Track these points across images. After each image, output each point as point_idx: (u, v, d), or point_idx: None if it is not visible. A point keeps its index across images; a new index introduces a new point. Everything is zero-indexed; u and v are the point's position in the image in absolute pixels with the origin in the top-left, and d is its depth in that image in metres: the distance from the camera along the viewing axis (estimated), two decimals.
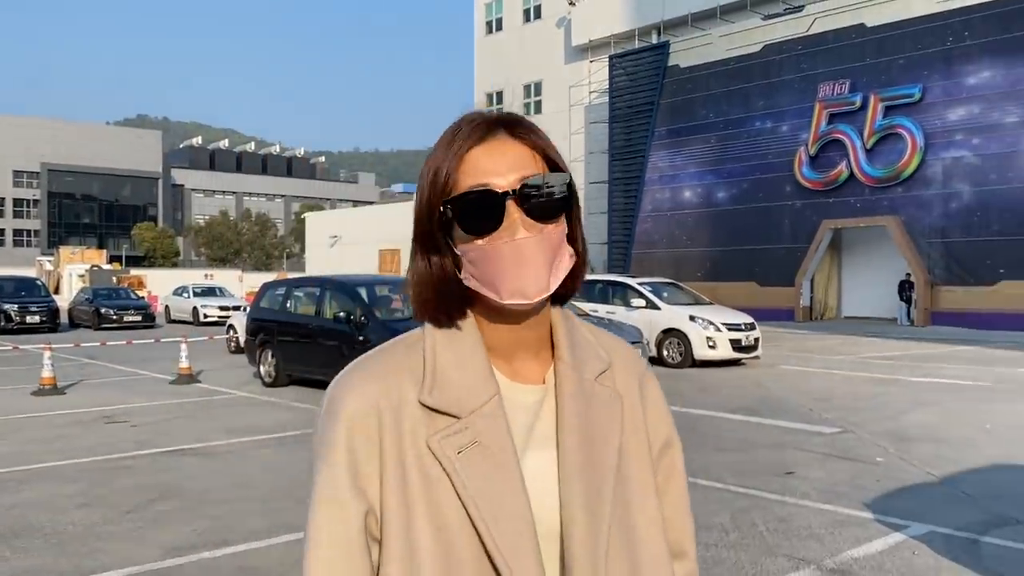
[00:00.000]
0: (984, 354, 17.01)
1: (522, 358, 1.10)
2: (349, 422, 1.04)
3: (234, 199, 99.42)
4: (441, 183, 1.04)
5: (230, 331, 18.94)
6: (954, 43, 24.99)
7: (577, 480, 1.05)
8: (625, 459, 1.10)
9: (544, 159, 1.06)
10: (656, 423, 1.18)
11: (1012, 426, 8.95)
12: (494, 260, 1.02)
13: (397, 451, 1.03)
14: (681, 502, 1.21)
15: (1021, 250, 23.63)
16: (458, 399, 1.03)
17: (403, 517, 1.01)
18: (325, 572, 1.01)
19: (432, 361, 1.06)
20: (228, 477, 6.98)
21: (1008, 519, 5.49)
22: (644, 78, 33.30)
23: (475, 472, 1.01)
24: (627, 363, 1.18)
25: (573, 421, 1.07)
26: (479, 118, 1.06)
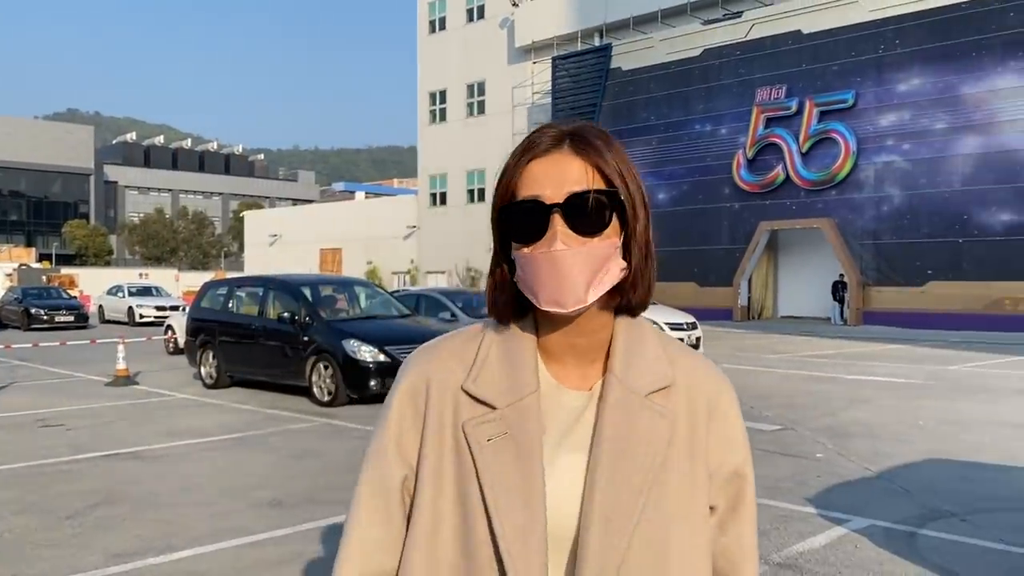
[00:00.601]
0: (914, 352, 17.58)
1: (574, 363, 1.14)
2: (402, 394, 1.16)
3: (170, 197, 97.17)
4: (503, 190, 1.12)
5: (168, 331, 18.54)
6: (886, 51, 25.77)
7: (600, 490, 1.06)
8: (668, 480, 1.10)
9: (601, 175, 1.09)
10: (722, 450, 1.17)
11: (942, 422, 9.27)
12: (534, 268, 1.07)
13: (438, 428, 1.12)
14: (745, 537, 1.19)
15: (949, 252, 24.50)
16: (497, 390, 1.11)
17: (434, 488, 1.11)
18: (360, 517, 1.15)
19: (484, 353, 1.14)
20: (172, 481, 6.84)
21: (943, 512, 5.69)
22: (587, 80, 33.58)
23: (498, 460, 1.08)
24: (699, 385, 1.16)
25: (608, 432, 1.08)
26: (551, 130, 1.12)
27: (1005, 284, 23.45)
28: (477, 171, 40.13)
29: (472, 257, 38.42)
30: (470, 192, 40.75)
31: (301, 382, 11.15)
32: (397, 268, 43.64)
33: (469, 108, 41.01)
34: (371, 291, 13.53)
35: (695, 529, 1.13)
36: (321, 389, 10.82)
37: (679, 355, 1.18)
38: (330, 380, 10.73)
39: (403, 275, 43.20)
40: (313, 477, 6.91)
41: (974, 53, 24.11)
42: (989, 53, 23.88)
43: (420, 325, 11.93)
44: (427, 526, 1.11)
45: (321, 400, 10.76)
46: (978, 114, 24.11)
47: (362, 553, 1.15)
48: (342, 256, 47.44)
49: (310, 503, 6.06)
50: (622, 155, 1.12)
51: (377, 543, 1.15)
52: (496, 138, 38.57)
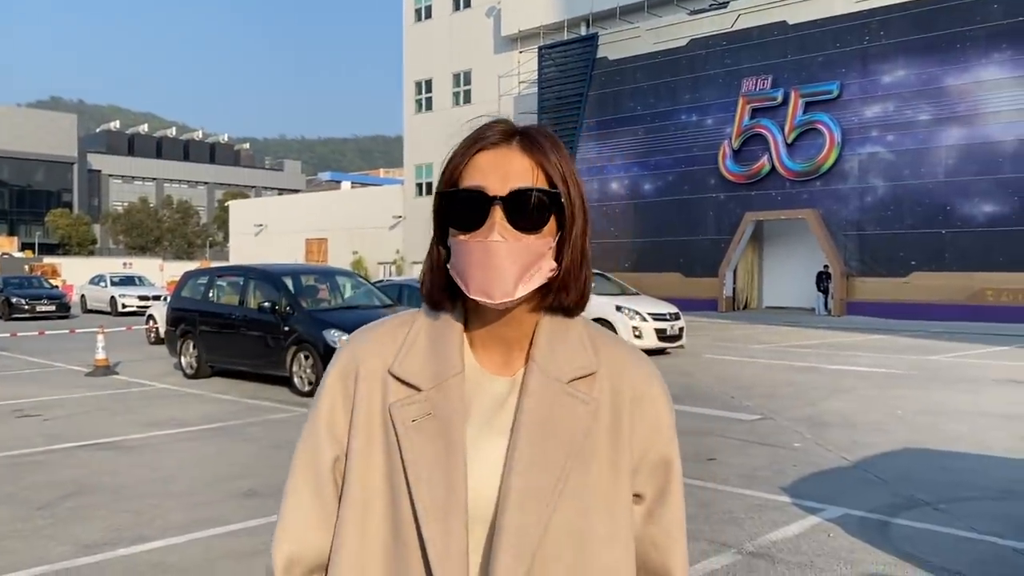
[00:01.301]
0: (896, 343, 17.68)
1: (499, 352, 1.16)
2: (334, 377, 1.19)
3: (154, 186, 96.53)
4: (447, 176, 1.14)
5: (150, 321, 18.43)
6: (871, 42, 25.81)
7: (517, 473, 1.08)
8: (589, 466, 1.12)
9: (545, 175, 1.11)
10: (647, 438, 1.17)
11: (921, 411, 9.33)
12: (468, 255, 1.09)
13: (367, 409, 1.14)
14: (673, 525, 1.21)
15: (931, 243, 24.62)
16: (422, 373, 1.13)
17: (364, 468, 1.13)
18: (294, 498, 1.17)
19: (412, 337, 1.17)
20: (147, 471, 6.80)
21: (917, 501, 5.72)
22: (573, 70, 33.50)
23: (421, 440, 1.10)
24: (624, 373, 1.17)
25: (528, 417, 1.10)
26: (502, 125, 1.14)
27: (987, 275, 23.60)
28: None
29: None
30: None
31: (282, 372, 11.10)
32: (383, 258, 43.53)
33: (455, 97, 40.88)
34: (353, 281, 13.47)
35: (617, 516, 1.14)
36: (302, 379, 10.77)
37: (605, 345, 1.19)
38: (311, 370, 10.68)
39: (389, 265, 43.10)
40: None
41: (958, 45, 24.18)
42: (973, 45, 23.95)
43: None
44: (357, 504, 1.13)
45: (302, 390, 10.72)
46: (961, 106, 24.20)
47: (296, 531, 1.17)
48: (328, 246, 47.27)
49: None
50: (567, 159, 1.14)
51: (310, 521, 1.17)
52: None
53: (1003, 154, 23.53)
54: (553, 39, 35.57)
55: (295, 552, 1.16)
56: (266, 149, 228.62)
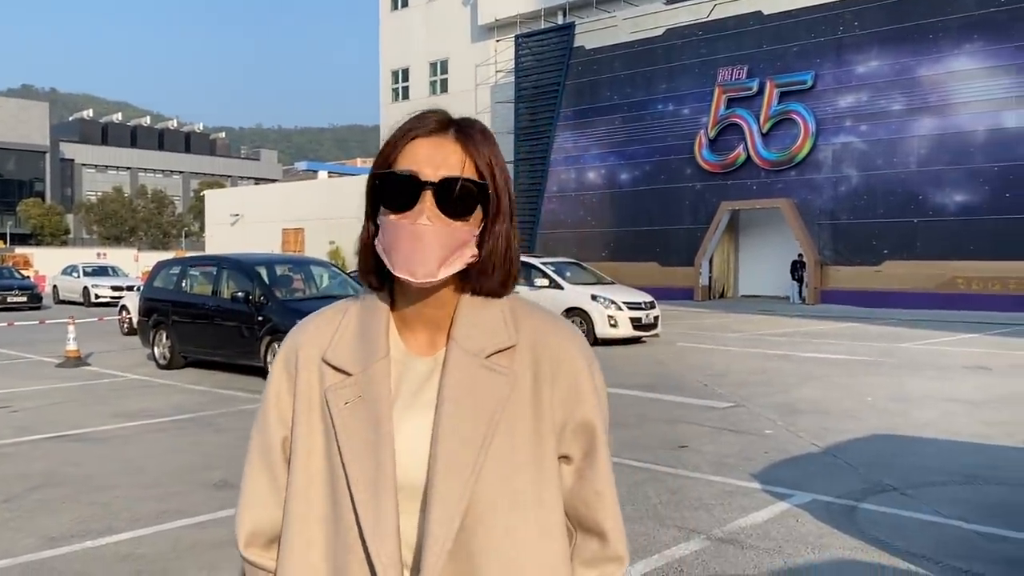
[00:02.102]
0: (868, 331, 17.86)
1: (424, 331, 1.24)
2: (278, 364, 1.29)
3: (128, 175, 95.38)
4: (382, 158, 1.20)
5: (123, 312, 18.25)
6: (845, 32, 25.97)
7: (442, 443, 1.15)
8: (509, 434, 1.18)
9: (474, 166, 1.18)
10: (568, 403, 1.23)
11: (891, 398, 9.43)
12: (396, 235, 1.16)
13: (307, 394, 1.24)
14: (601, 483, 1.25)
15: (904, 232, 24.87)
16: (352, 359, 1.22)
17: (306, 448, 1.23)
18: (250, 478, 1.29)
19: (344, 325, 1.26)
20: (116, 463, 6.74)
21: (884, 486, 5.79)
22: (550, 59, 33.44)
23: (353, 421, 1.19)
24: (543, 343, 1.23)
25: (449, 392, 1.18)
26: (439, 115, 1.21)
27: (958, 263, 23.88)
28: None
29: None
30: None
31: (256, 362, 11.03)
32: None
33: (432, 87, 40.70)
34: (328, 271, 13.40)
35: (543, 478, 1.21)
36: None
37: (526, 317, 1.25)
38: None
39: None
40: None
41: (930, 35, 24.37)
42: (945, 36, 24.15)
43: None
44: (301, 481, 1.23)
45: None
46: (933, 96, 24.42)
47: (254, 507, 1.28)
48: (304, 236, 46.96)
49: None
50: (497, 153, 1.22)
51: (265, 497, 1.28)
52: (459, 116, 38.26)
53: (974, 144, 23.78)
54: (530, 28, 35.48)
55: (255, 525, 1.28)
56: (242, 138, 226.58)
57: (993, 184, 23.41)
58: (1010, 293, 23.03)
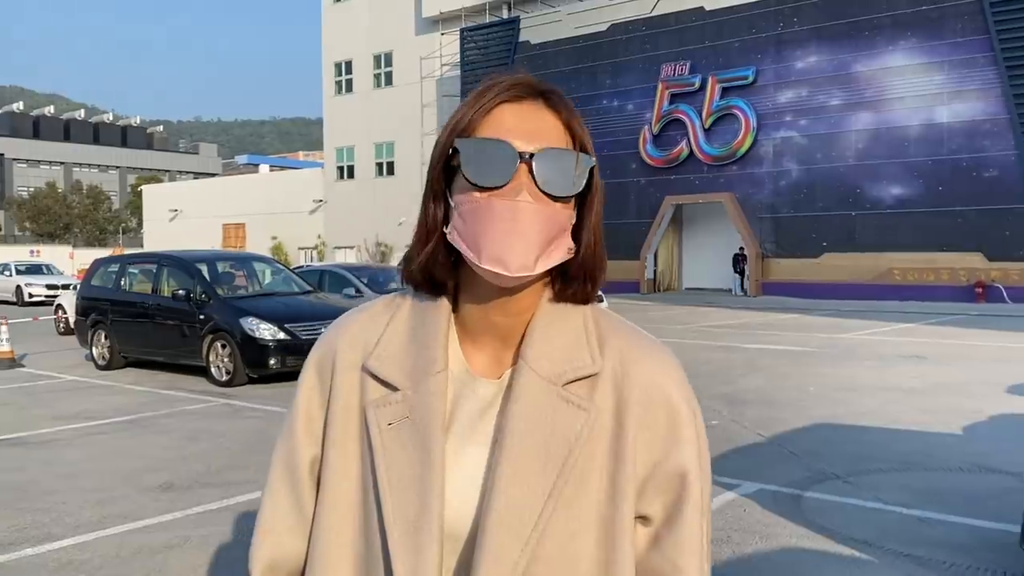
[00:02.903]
0: (809, 321, 18.26)
1: (490, 346, 1.03)
2: (311, 370, 1.08)
3: (62, 170, 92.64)
4: (463, 126, 0.98)
5: (59, 311, 17.75)
6: (785, 28, 26.46)
7: (499, 491, 0.95)
8: (585, 483, 0.98)
9: (572, 139, 1.00)
10: (657, 448, 1.00)
11: (834, 387, 9.65)
12: (486, 216, 0.93)
13: (344, 408, 1.03)
14: (683, 556, 1.00)
15: (842, 225, 25.48)
16: (401, 370, 1.00)
17: (339, 471, 1.03)
18: (271, 499, 1.09)
19: (393, 327, 1.04)
20: (56, 467, 6.54)
21: (828, 474, 5.92)
22: (495, 53, 33.41)
23: (396, 447, 0.98)
24: (635, 373, 1.01)
25: (512, 425, 0.96)
26: (521, 79, 1.00)
27: (894, 255, 24.56)
28: (386, 143, 39.56)
29: (382, 231, 37.96)
30: (378, 165, 40.16)
31: (198, 362, 10.82)
32: (304, 243, 42.80)
33: (376, 79, 40.33)
34: (271, 267, 13.21)
35: (615, 541, 0.98)
36: (219, 369, 10.53)
37: (613, 337, 1.03)
38: (228, 359, 10.45)
39: (310, 250, 42.41)
40: (207, 459, 6.71)
41: (866, 32, 24.97)
42: (880, 33, 24.78)
43: (322, 301, 11.73)
44: (332, 511, 1.03)
45: (219, 380, 10.48)
46: (870, 91, 25.04)
47: (273, 535, 1.08)
48: (246, 231, 46.23)
49: (202, 486, 5.89)
50: (587, 130, 1.03)
51: (287, 526, 1.08)
52: (404, 110, 38.06)
53: (908, 138, 24.46)
54: (475, 21, 35.39)
55: (275, 556, 1.08)
56: (181, 132, 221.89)
57: (927, 178, 24.11)
58: (943, 283, 23.77)
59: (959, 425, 7.55)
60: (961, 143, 23.63)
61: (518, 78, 1.00)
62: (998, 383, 9.72)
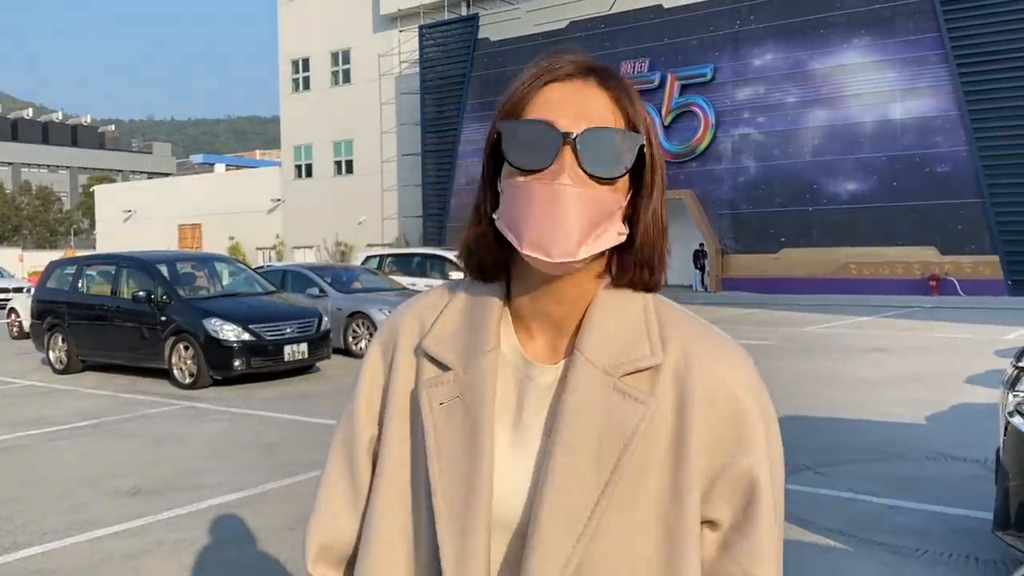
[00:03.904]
0: (770, 316, 18.50)
1: (544, 334, 1.00)
2: (374, 351, 1.09)
3: (10, 170, 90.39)
4: (510, 107, 0.98)
5: (12, 315, 17.32)
6: (742, 26, 26.77)
7: (551, 484, 0.92)
8: (638, 482, 0.93)
9: (625, 118, 0.95)
10: (726, 448, 0.95)
11: (797, 381, 9.79)
12: (527, 200, 0.91)
13: (402, 388, 1.03)
14: (756, 563, 0.94)
15: (800, 220, 25.86)
16: (453, 350, 1.00)
17: (396, 452, 1.02)
18: (329, 485, 1.09)
19: (448, 310, 1.05)
20: (16, 474, 6.37)
21: (799, 466, 6.00)
22: (454, 50, 33.31)
23: (446, 427, 0.97)
24: (699, 365, 0.96)
25: (568, 418, 0.93)
26: (576, 57, 0.99)
27: (850, 250, 25.00)
28: (344, 141, 39.21)
29: (341, 231, 37.61)
30: (337, 163, 39.79)
31: (160, 364, 10.63)
32: (262, 243, 42.27)
33: (334, 77, 39.96)
34: (233, 267, 13.01)
35: (677, 543, 0.93)
36: (182, 371, 10.35)
37: (676, 326, 0.99)
38: (191, 361, 10.28)
39: (268, 250, 41.90)
40: (174, 463, 6.59)
41: (821, 30, 25.37)
42: (835, 31, 25.18)
43: (285, 302, 11.60)
44: (386, 490, 1.02)
45: (182, 382, 10.30)
46: (825, 88, 25.44)
47: (329, 516, 1.08)
48: (202, 232, 45.54)
49: (171, 490, 5.78)
50: (646, 110, 0.99)
51: (343, 506, 1.08)
52: (363, 108, 37.77)
53: (863, 135, 24.90)
54: (433, 18, 35.24)
55: (328, 538, 1.08)
56: (133, 131, 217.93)
57: (881, 173, 24.58)
58: (899, 277, 24.25)
59: (923, 415, 7.71)
60: (914, 139, 24.12)
61: (568, 57, 0.99)
62: (957, 373, 9.94)
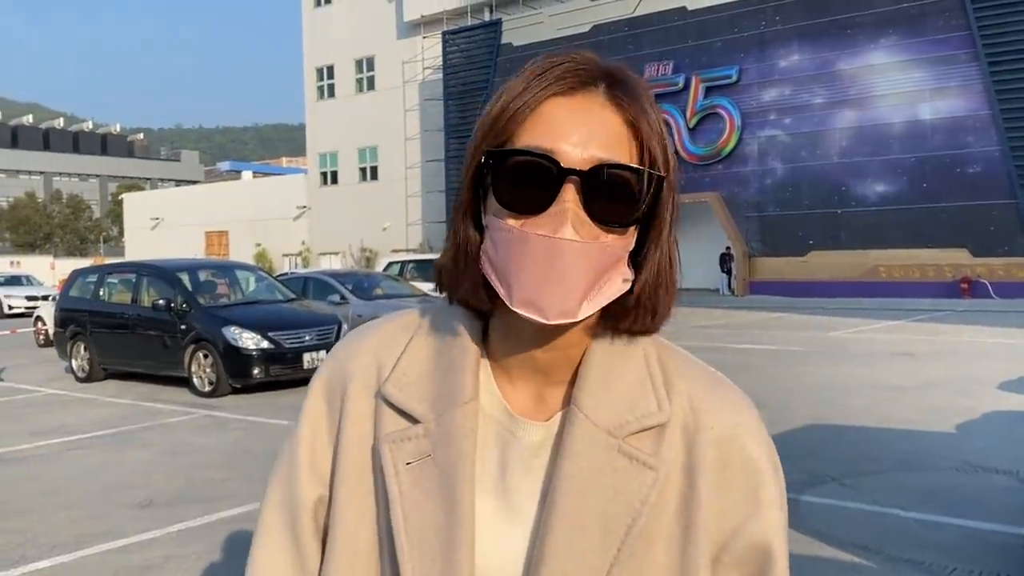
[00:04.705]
0: (797, 320, 18.23)
1: (529, 383, 0.85)
2: (316, 395, 0.89)
3: (42, 180, 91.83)
4: (500, 126, 0.78)
5: (38, 323, 17.49)
6: (767, 27, 26.48)
7: (550, 563, 0.78)
8: (651, 554, 0.81)
9: (638, 143, 0.79)
10: (736, 513, 0.83)
11: (823, 387, 9.58)
12: (520, 251, 0.76)
13: (357, 441, 0.85)
14: None
15: (828, 223, 25.51)
16: (421, 400, 0.83)
17: (352, 517, 0.84)
18: (266, 547, 0.89)
19: (413, 347, 0.86)
20: (32, 484, 6.36)
21: (823, 477, 5.82)
22: (478, 55, 33.31)
23: (416, 493, 0.80)
24: (708, 422, 0.84)
25: (566, 484, 0.79)
26: (583, 62, 0.81)
27: (880, 252, 24.60)
28: (369, 148, 39.37)
29: (367, 237, 37.73)
30: (362, 170, 39.96)
31: (180, 372, 10.64)
32: (288, 250, 42.51)
33: (359, 84, 40.13)
34: (254, 275, 13.03)
35: None
36: (201, 379, 10.35)
37: (680, 377, 0.86)
38: (211, 369, 10.27)
39: (294, 257, 42.12)
40: (189, 473, 6.55)
41: (849, 31, 25.03)
42: (862, 30, 24.83)
43: (306, 309, 11.58)
44: (341, 565, 0.84)
45: (202, 391, 10.30)
46: (853, 89, 25.09)
47: None
48: (229, 239, 45.89)
49: (184, 502, 5.73)
50: (662, 118, 0.82)
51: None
52: (387, 115, 37.89)
53: (892, 135, 24.51)
54: (457, 24, 35.27)
55: None
56: (162, 139, 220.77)
57: (911, 174, 24.17)
58: (929, 280, 23.81)
59: (953, 423, 7.48)
60: (944, 139, 23.69)
61: (575, 61, 0.81)
62: (990, 380, 9.67)
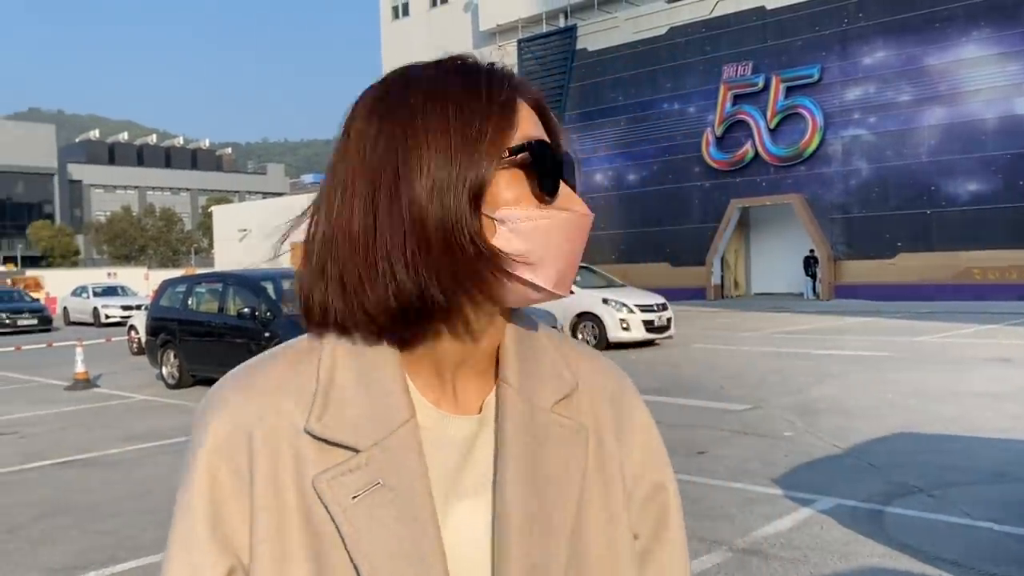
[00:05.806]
0: (884, 325, 17.62)
1: (463, 378, 0.84)
2: (211, 455, 0.78)
3: (136, 194, 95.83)
4: (504, 121, 0.78)
5: (131, 331, 18.19)
6: (849, 24, 25.76)
7: (518, 543, 0.79)
8: (587, 512, 0.84)
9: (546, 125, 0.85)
10: (640, 462, 0.91)
11: (911, 395, 9.22)
12: (560, 234, 0.78)
13: (275, 494, 0.77)
14: (675, 567, 0.92)
15: (917, 224, 24.60)
16: (357, 426, 0.77)
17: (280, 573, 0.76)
18: None
19: (327, 377, 0.79)
20: (123, 488, 6.61)
21: (910, 488, 5.60)
22: (553, 62, 33.35)
23: (374, 524, 0.75)
24: (600, 384, 0.90)
25: (517, 464, 0.80)
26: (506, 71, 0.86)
27: (972, 253, 23.59)
28: None
29: None
30: None
31: None
32: None
33: None
34: None
35: (621, 569, 0.87)
36: None
37: (576, 354, 0.92)
38: None
39: None
40: None
41: (936, 24, 24.13)
42: (951, 23, 23.91)
43: None
44: None
45: None
46: (942, 85, 24.17)
47: None
48: None
49: None
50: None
51: None
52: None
53: (985, 132, 23.51)
54: (532, 32, 35.40)
55: None
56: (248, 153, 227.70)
57: (1006, 172, 23.13)
58: None
59: None
60: None
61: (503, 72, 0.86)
62: None
